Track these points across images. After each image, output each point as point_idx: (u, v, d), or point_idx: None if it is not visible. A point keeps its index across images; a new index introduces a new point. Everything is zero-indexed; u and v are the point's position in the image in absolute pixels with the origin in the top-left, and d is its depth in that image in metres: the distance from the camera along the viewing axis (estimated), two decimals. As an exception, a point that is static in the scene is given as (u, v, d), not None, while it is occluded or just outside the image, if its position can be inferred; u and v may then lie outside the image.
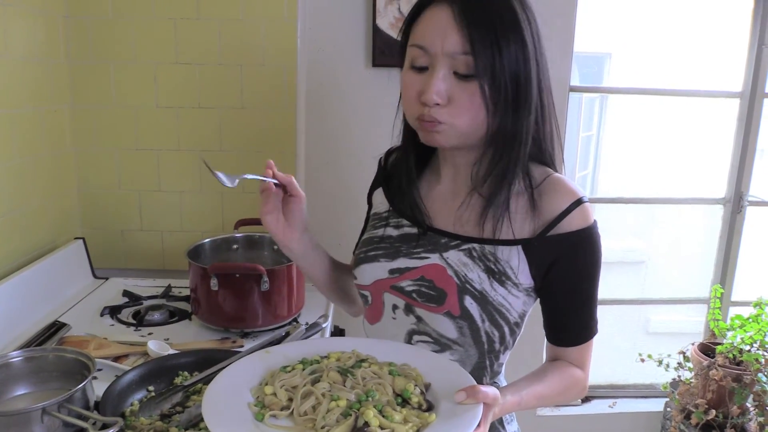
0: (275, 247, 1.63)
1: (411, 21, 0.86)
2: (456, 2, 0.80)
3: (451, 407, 0.73)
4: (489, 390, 0.73)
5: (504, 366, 0.98)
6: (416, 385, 0.77)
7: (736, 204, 2.28)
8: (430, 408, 0.75)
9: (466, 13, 0.79)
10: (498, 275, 0.87)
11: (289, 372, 0.81)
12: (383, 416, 0.71)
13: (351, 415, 0.71)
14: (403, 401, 0.75)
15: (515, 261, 0.87)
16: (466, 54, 0.79)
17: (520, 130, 0.84)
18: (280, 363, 0.84)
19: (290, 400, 0.76)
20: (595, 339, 0.93)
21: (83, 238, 1.74)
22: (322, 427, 0.70)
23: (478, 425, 0.71)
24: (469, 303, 0.86)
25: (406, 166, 0.97)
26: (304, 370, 0.81)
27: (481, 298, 0.86)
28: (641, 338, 2.94)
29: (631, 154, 3.84)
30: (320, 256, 1.04)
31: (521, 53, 0.81)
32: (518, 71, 0.81)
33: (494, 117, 0.82)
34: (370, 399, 0.74)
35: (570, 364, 0.92)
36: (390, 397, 0.75)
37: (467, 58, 0.79)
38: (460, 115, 0.82)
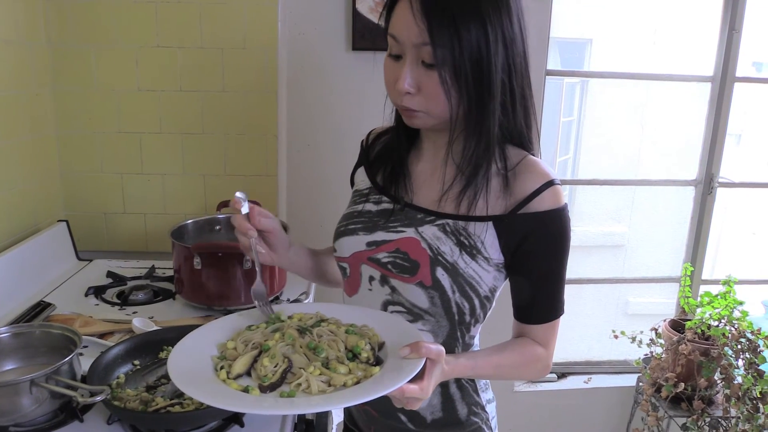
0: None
1: (388, 10, 0.89)
2: None
3: (397, 362, 0.78)
4: (433, 346, 0.78)
5: (476, 339, 1.02)
6: (368, 343, 0.83)
7: (707, 186, 2.35)
8: (378, 363, 0.81)
9: (424, 4, 0.82)
10: (469, 249, 0.90)
11: (253, 330, 0.89)
12: (328, 368, 0.79)
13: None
14: (354, 356, 0.82)
15: (486, 236, 0.91)
16: (426, 44, 0.83)
17: (486, 113, 0.86)
18: (248, 324, 0.92)
19: None
20: (574, 319, 0.95)
21: (66, 221, 1.76)
22: (264, 375, 0.79)
23: (422, 378, 0.76)
24: (441, 274, 0.90)
25: (398, 143, 1.01)
26: (267, 328, 0.89)
27: (452, 270, 0.90)
28: (620, 320, 3.00)
29: (611, 138, 3.90)
30: (303, 257, 1.09)
31: (483, 39, 0.83)
32: (480, 58, 0.83)
33: (459, 103, 0.86)
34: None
35: (533, 341, 0.95)
36: (340, 352, 0.82)
37: (428, 48, 0.83)
38: (429, 102, 0.87)
